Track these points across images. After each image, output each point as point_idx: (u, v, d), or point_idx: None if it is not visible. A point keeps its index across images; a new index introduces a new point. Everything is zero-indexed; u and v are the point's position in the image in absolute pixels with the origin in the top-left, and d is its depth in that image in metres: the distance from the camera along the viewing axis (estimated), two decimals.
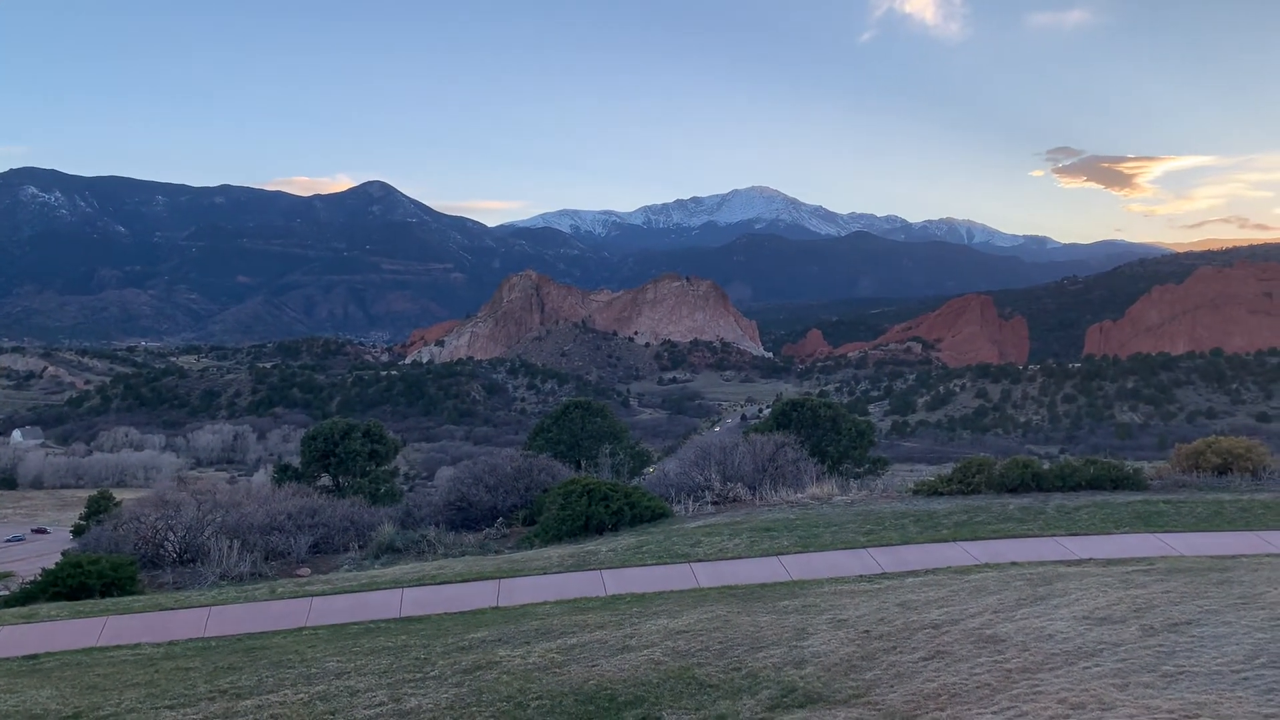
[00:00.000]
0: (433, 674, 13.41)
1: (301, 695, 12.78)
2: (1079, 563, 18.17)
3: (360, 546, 26.15)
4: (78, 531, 42.19)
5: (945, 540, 20.53)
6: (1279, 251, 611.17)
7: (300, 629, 17.42)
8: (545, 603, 17.93)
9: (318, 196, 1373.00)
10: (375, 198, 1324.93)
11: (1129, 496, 24.15)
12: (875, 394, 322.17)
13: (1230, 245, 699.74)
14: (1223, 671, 10.59)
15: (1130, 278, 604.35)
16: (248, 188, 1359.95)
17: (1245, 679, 10.31)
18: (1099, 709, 9.73)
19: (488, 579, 19.90)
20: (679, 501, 27.38)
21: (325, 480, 41.72)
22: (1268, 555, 18.08)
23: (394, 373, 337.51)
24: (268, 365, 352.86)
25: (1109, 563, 17.95)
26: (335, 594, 19.65)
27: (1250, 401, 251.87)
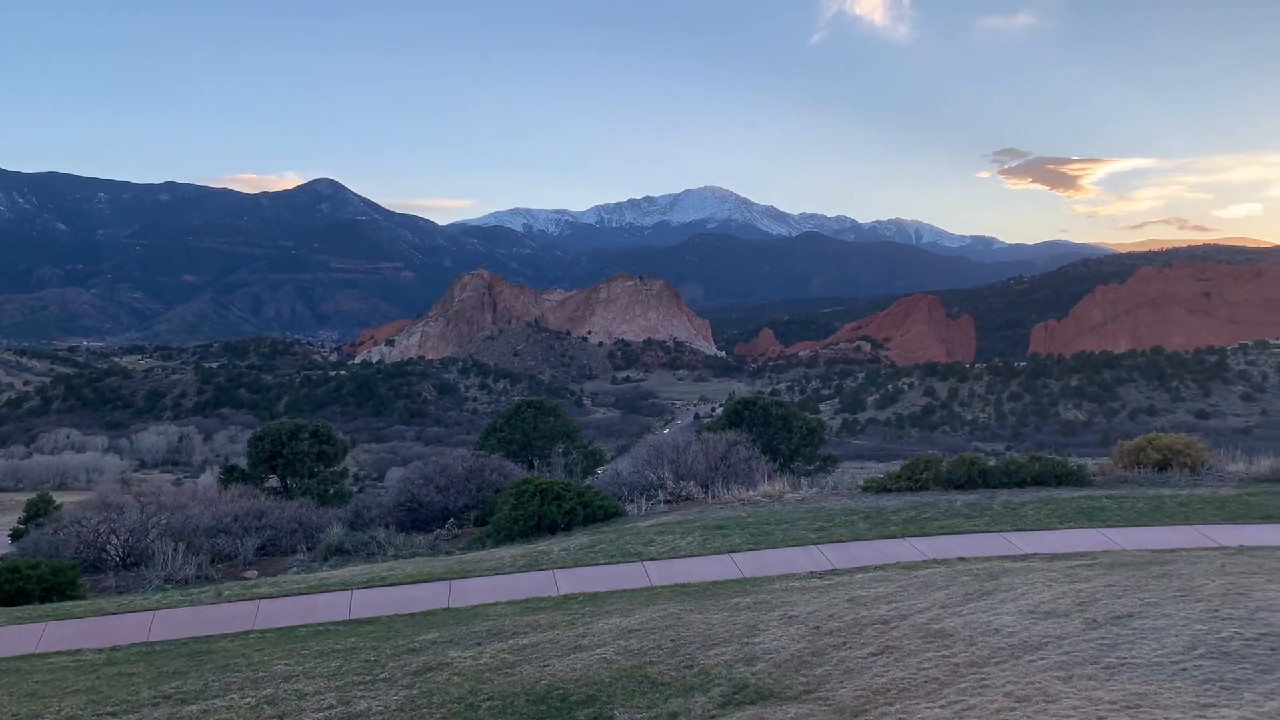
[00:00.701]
0: (383, 676, 13.29)
1: (249, 699, 12.60)
2: (1024, 558, 18.48)
3: (309, 548, 25.82)
4: (16, 535, 41.11)
5: (894, 537, 20.77)
6: (1217, 252, 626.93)
7: (247, 632, 17.17)
8: (497, 603, 17.85)
9: (265, 194, 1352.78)
10: (324, 195, 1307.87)
11: (1073, 492, 24.60)
12: (826, 392, 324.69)
13: (1170, 246, 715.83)
14: (1162, 662, 10.83)
15: (1074, 278, 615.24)
16: (193, 185, 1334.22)
17: (1184, 669, 10.56)
18: (1043, 701, 9.90)
19: (439, 580, 19.76)
20: (632, 500, 27.40)
21: (273, 482, 41.11)
22: (1205, 549, 18.52)
23: (343, 373, 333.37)
24: (214, 365, 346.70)
25: (1053, 557, 18.27)
26: (283, 596, 19.38)
27: (1189, 399, 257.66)
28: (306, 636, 16.41)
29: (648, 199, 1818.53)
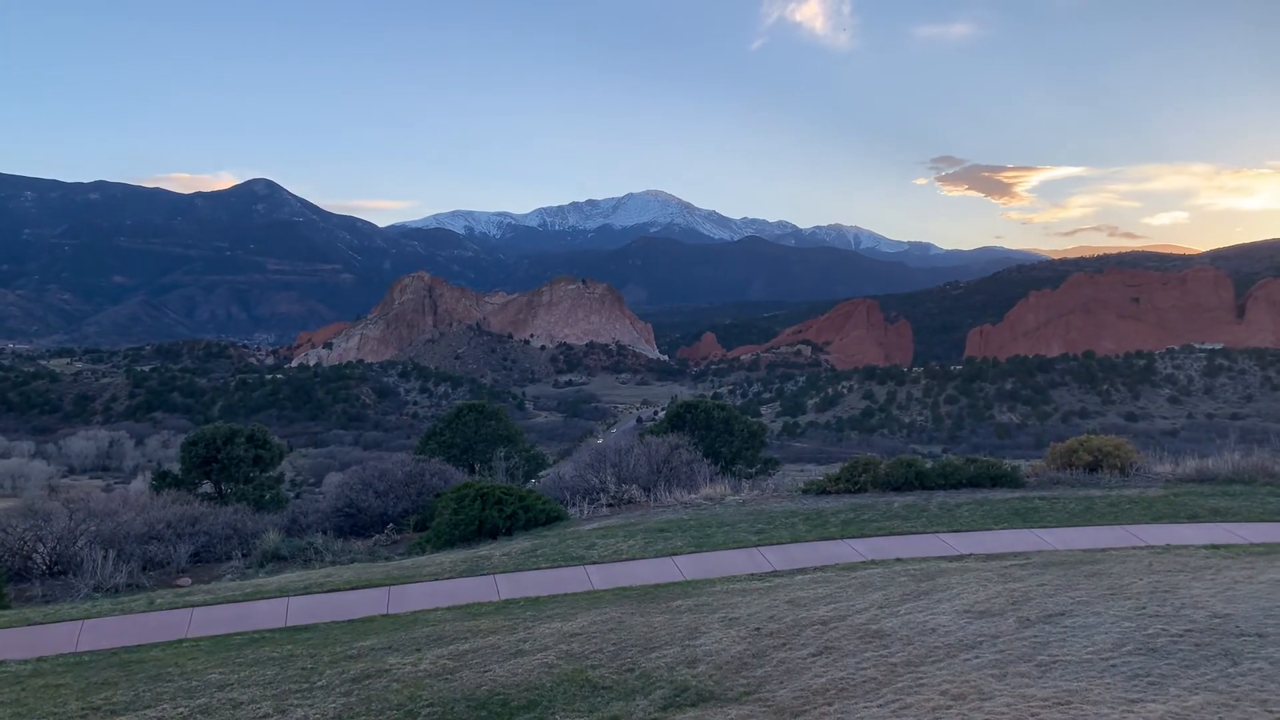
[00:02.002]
0: (320, 684, 13.09)
1: (181, 709, 12.33)
2: (960, 558, 18.79)
3: (244, 555, 25.33)
4: None
5: (833, 538, 20.99)
6: (1145, 259, 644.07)
7: (180, 641, 16.79)
8: (437, 609, 17.69)
9: (199, 194, 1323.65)
10: (260, 196, 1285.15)
11: (1007, 494, 25.07)
12: (767, 395, 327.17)
13: (1101, 252, 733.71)
14: (1093, 660, 11.09)
15: (1009, 283, 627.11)
16: (124, 184, 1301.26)
17: (1113, 666, 10.83)
18: (978, 699, 10.07)
19: (377, 586, 19.52)
20: (574, 504, 27.33)
21: (207, 487, 40.23)
22: (1134, 548, 19.00)
23: (280, 376, 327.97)
24: (146, 368, 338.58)
25: (988, 558, 18.60)
26: (217, 604, 19.00)
27: (1120, 401, 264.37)
28: (242, 644, 16.10)
29: (590, 202, 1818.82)
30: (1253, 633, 11.70)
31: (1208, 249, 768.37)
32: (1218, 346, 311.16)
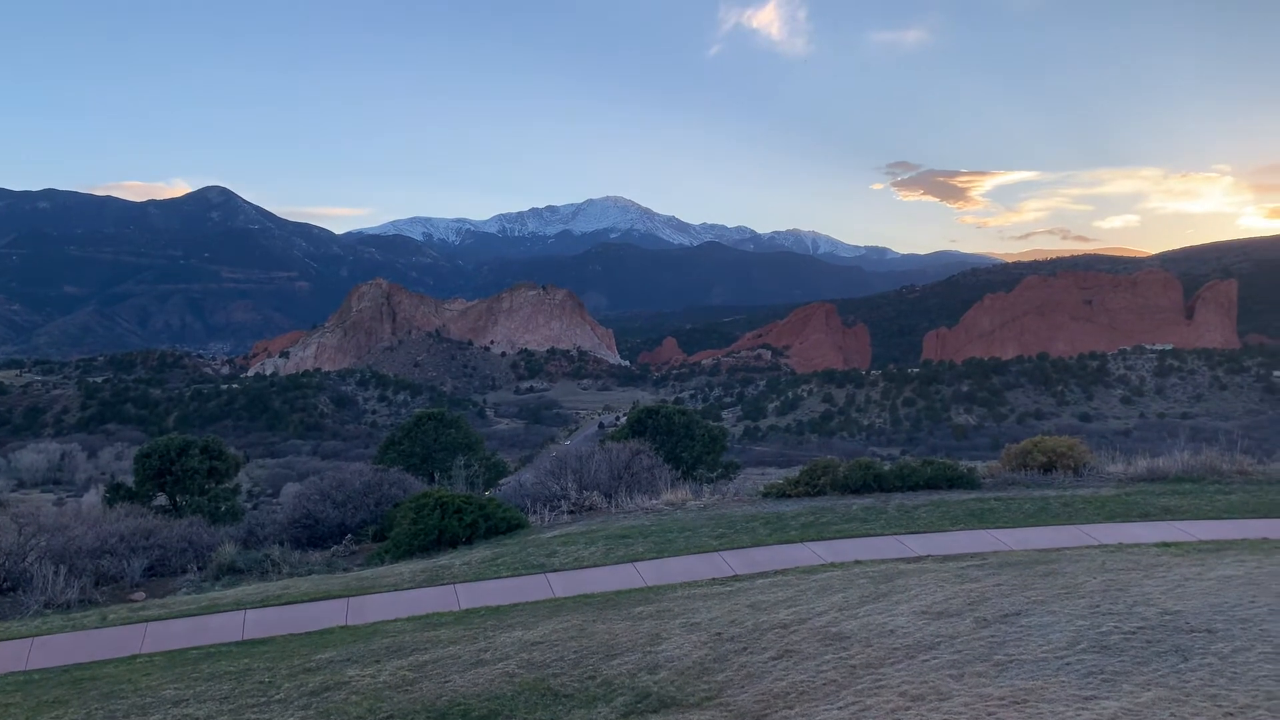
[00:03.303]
0: (277, 697, 12.93)
1: None
2: (918, 559, 18.96)
3: (199, 568, 24.93)
4: None
5: (793, 541, 21.08)
6: (1098, 262, 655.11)
7: (134, 657, 16.50)
8: (397, 620, 17.53)
9: (152, 202, 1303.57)
10: (214, 203, 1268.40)
11: (963, 495, 25.33)
12: (728, 400, 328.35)
13: (1054, 256, 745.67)
14: (1048, 658, 11.24)
15: (964, 286, 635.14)
16: (75, 192, 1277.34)
17: (1068, 664, 10.98)
18: (937, 699, 10.17)
19: (336, 598, 19.31)
20: (535, 512, 27.21)
21: (161, 500, 39.59)
22: (1087, 547, 19.29)
23: (236, 386, 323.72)
24: (98, 379, 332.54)
25: (945, 559, 18.79)
26: (172, 618, 18.69)
27: (1073, 402, 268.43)
28: (197, 659, 15.85)
29: (550, 208, 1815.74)
30: (1202, 629, 11.92)
31: (1157, 251, 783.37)
32: (1168, 347, 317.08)
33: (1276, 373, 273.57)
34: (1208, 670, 10.41)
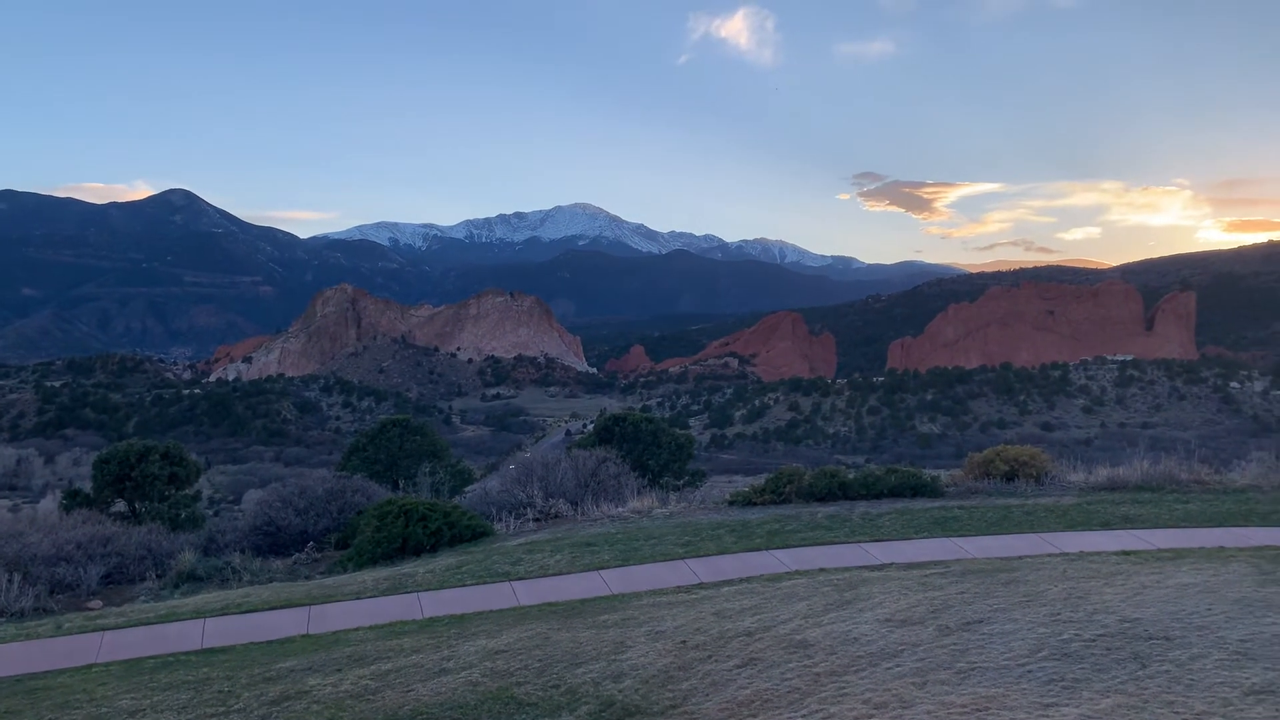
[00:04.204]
0: (236, 707, 12.76)
1: None
2: (882, 567, 19.06)
3: (158, 576, 24.58)
4: None
5: (759, 549, 21.13)
6: (1060, 273, 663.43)
7: (90, 666, 16.21)
8: (359, 628, 17.37)
9: (114, 204, 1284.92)
10: (177, 206, 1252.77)
11: (927, 503, 25.52)
12: (695, 408, 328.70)
13: (1017, 266, 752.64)
14: (1010, 666, 11.34)
15: (929, 296, 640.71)
16: (34, 193, 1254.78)
17: (1029, 671, 11.08)
18: (900, 707, 10.22)
19: (297, 606, 19.10)
20: (501, 519, 27.08)
21: (120, 506, 38.97)
22: (1049, 555, 19.49)
23: (198, 391, 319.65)
24: (56, 383, 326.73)
25: (909, 566, 18.91)
26: (130, 627, 18.40)
27: (1036, 412, 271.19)
28: (155, 668, 15.60)
29: (518, 215, 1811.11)
30: (1160, 636, 12.08)
31: (1118, 263, 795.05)
32: (1128, 358, 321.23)
33: (1233, 384, 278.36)
34: (1165, 677, 10.54)
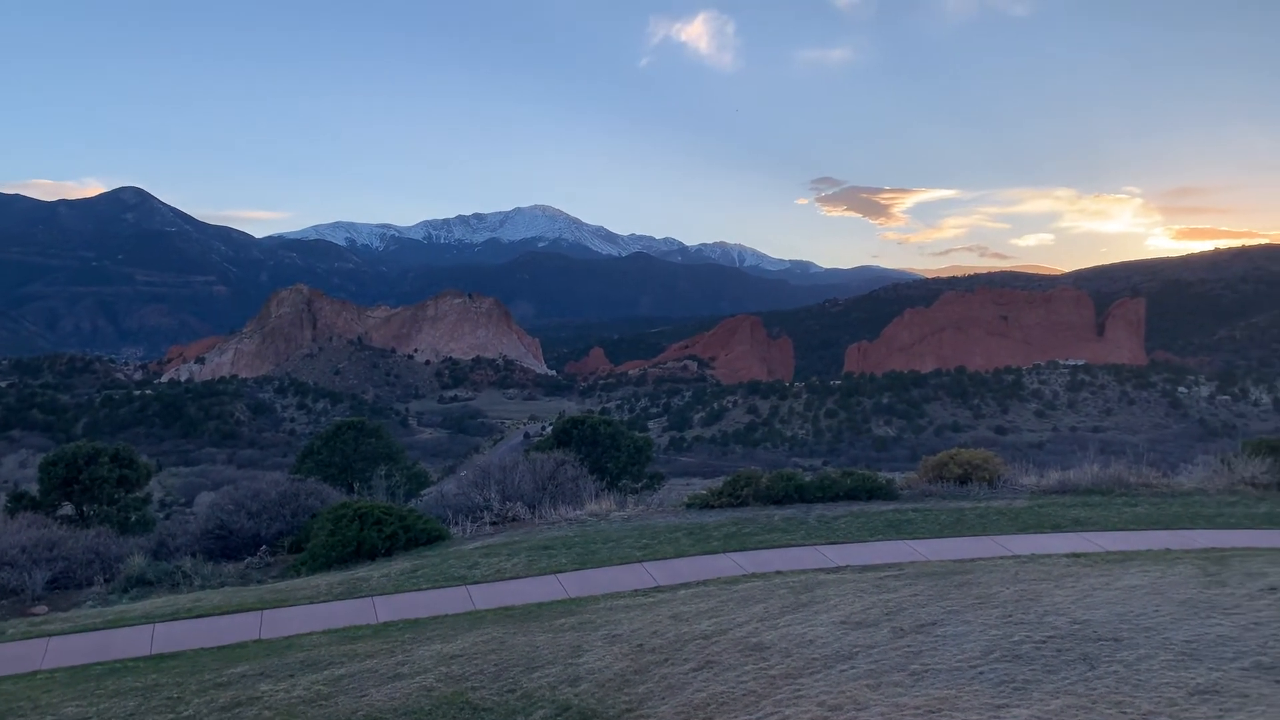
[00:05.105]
0: (186, 713, 12.56)
1: None
2: (837, 570, 19.19)
3: (107, 580, 24.14)
4: None
5: (716, 552, 21.19)
6: (1014, 279, 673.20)
7: (34, 673, 15.87)
8: (312, 633, 17.16)
9: (63, 201, 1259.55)
10: (129, 204, 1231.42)
11: (882, 506, 25.75)
12: (655, 410, 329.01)
13: (972, 272, 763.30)
14: (962, 667, 11.46)
15: (885, 301, 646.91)
16: None
17: (981, 673, 11.21)
18: (854, 709, 10.30)
19: (249, 610, 18.84)
20: (457, 523, 26.92)
21: (68, 509, 38.25)
22: (1001, 558, 19.74)
23: (149, 392, 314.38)
24: (3, 384, 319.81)
25: (864, 569, 19.05)
26: (76, 632, 18.04)
27: (989, 415, 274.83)
28: (102, 675, 15.31)
29: (477, 216, 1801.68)
30: (1109, 637, 12.28)
31: (1070, 270, 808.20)
32: (1080, 362, 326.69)
33: (1181, 388, 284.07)
34: (1114, 678, 10.72)
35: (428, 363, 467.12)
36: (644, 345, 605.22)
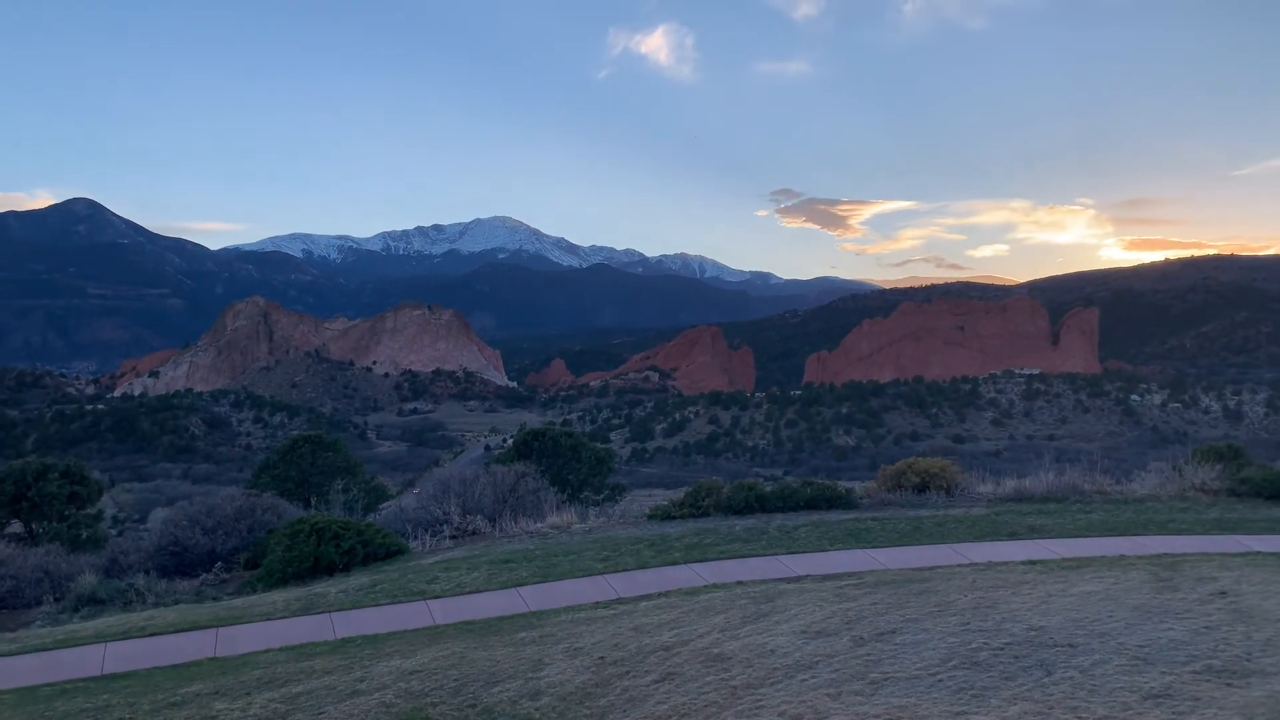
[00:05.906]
0: None
1: None
2: (798, 579, 19.25)
3: (56, 599, 23.63)
4: None
5: (677, 563, 21.17)
6: (970, 289, 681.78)
7: None
8: (269, 650, 16.90)
9: (12, 213, 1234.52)
10: (81, 216, 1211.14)
11: (841, 515, 25.89)
12: (616, 421, 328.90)
13: (929, 283, 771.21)
14: (921, 675, 11.54)
15: (844, 311, 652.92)
16: None
17: (940, 681, 11.29)
18: (814, 719, 10.32)
19: (204, 628, 18.53)
20: (417, 537, 26.67)
21: (16, 527, 37.46)
22: (959, 566, 19.91)
23: (101, 406, 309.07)
24: None
25: (824, 578, 19.13)
26: (24, 653, 17.62)
27: (947, 424, 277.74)
28: (50, 696, 14.97)
29: (436, 227, 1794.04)
30: (1065, 643, 12.43)
31: (1025, 280, 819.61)
32: (1035, 371, 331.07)
33: (1134, 396, 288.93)
34: (1070, 684, 10.85)
35: (387, 375, 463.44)
36: (605, 356, 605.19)
